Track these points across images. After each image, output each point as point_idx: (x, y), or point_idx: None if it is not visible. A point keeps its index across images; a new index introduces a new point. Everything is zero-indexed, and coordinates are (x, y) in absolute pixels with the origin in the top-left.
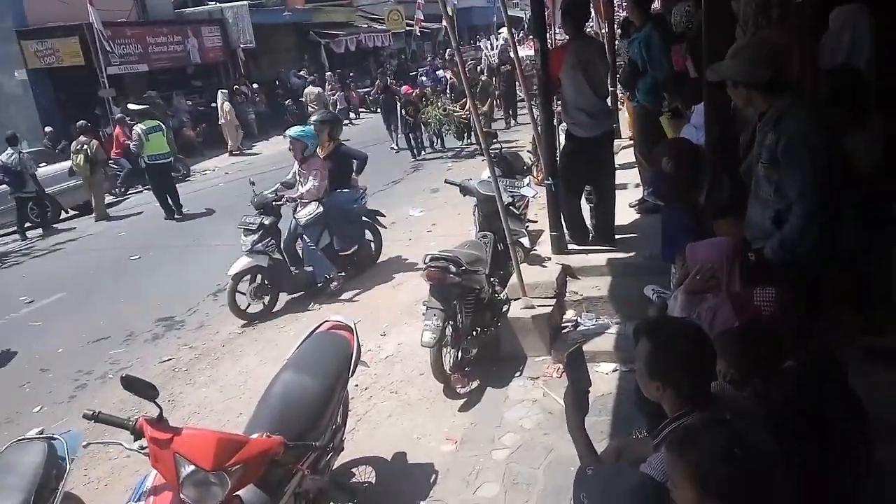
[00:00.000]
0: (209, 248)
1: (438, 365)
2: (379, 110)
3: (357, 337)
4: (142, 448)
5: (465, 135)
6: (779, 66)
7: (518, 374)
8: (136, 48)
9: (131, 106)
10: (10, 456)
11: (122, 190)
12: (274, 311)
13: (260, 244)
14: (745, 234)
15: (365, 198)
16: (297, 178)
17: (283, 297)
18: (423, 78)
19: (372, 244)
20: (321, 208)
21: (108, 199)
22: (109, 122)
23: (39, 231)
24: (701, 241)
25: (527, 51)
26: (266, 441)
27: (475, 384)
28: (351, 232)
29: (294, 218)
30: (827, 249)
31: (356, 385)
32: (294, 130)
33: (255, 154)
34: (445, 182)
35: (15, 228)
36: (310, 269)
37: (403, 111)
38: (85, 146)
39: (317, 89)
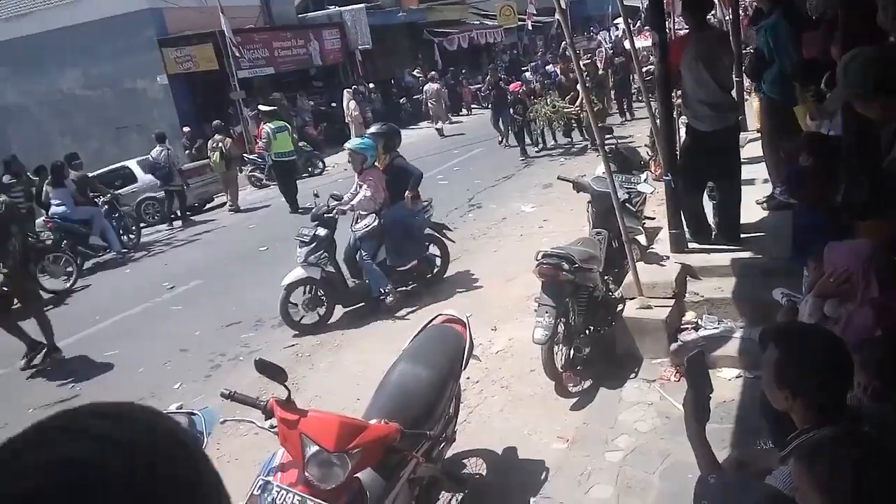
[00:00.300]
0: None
1: (550, 362)
2: (490, 107)
3: (470, 331)
4: (272, 427)
5: (575, 131)
6: None
7: (633, 375)
8: (263, 52)
9: (262, 107)
10: None
11: (264, 182)
12: (329, 323)
13: (313, 256)
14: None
15: (429, 211)
16: (357, 190)
17: (340, 310)
18: (527, 73)
19: (438, 259)
20: (377, 221)
21: (250, 190)
22: (240, 122)
23: (180, 223)
24: (839, 243)
25: (643, 42)
26: (384, 427)
27: (588, 384)
28: (408, 246)
29: (352, 230)
30: None
31: (468, 378)
32: (352, 143)
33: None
34: (558, 178)
35: (159, 220)
36: (366, 281)
37: (512, 108)
38: (220, 144)
39: (436, 85)
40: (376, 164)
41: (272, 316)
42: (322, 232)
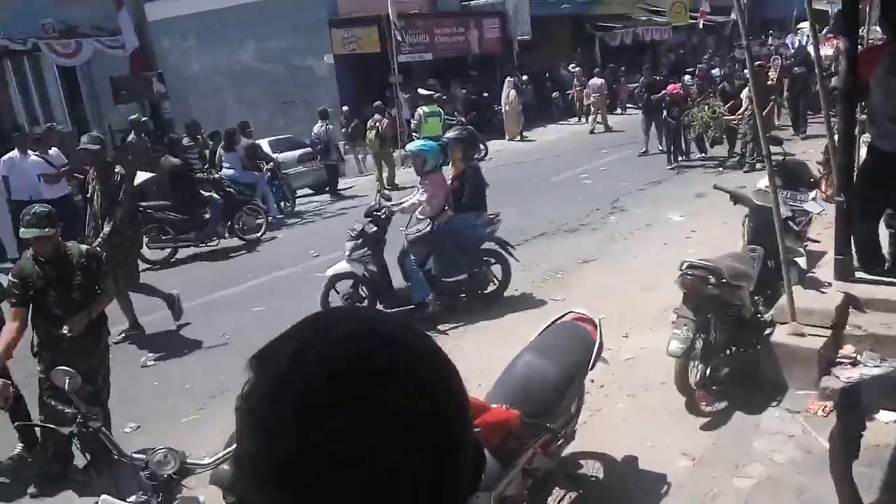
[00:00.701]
0: None
1: (683, 377)
2: (641, 109)
3: (600, 332)
4: None
5: (733, 142)
6: None
7: (776, 403)
8: (423, 38)
9: (421, 90)
10: None
11: None
12: None
13: (357, 252)
14: None
15: (494, 226)
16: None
17: None
18: (687, 77)
19: (496, 277)
20: (430, 228)
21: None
22: (395, 105)
23: (328, 196)
24: None
25: (826, 50)
26: (505, 412)
27: (722, 405)
28: (459, 259)
29: (405, 233)
30: None
31: (592, 381)
32: (414, 145)
33: (532, 141)
34: (715, 187)
35: (309, 192)
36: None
37: (666, 111)
38: (377, 124)
39: (600, 80)
40: (447, 169)
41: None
42: (370, 229)
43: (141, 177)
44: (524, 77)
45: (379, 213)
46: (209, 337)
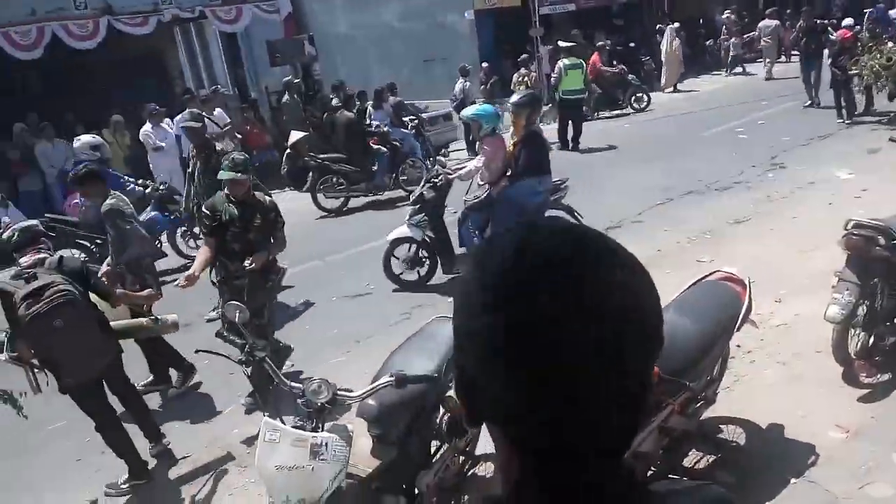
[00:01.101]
0: (608, 186)
1: (842, 345)
2: (800, 57)
3: (750, 293)
4: None
5: None
6: None
7: None
8: None
9: (561, 43)
10: (433, 326)
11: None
12: (430, 283)
13: (416, 217)
14: None
15: (561, 192)
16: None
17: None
18: (848, 20)
19: None
20: (487, 194)
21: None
22: (535, 60)
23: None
24: None
25: None
26: None
27: (885, 377)
28: None
29: (464, 199)
30: None
31: (738, 345)
32: (469, 111)
33: (690, 91)
34: (891, 140)
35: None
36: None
37: (833, 60)
38: (525, 78)
39: (774, 22)
40: (508, 135)
41: None
42: (429, 195)
43: (294, 136)
44: (675, 24)
45: (437, 180)
46: (356, 286)
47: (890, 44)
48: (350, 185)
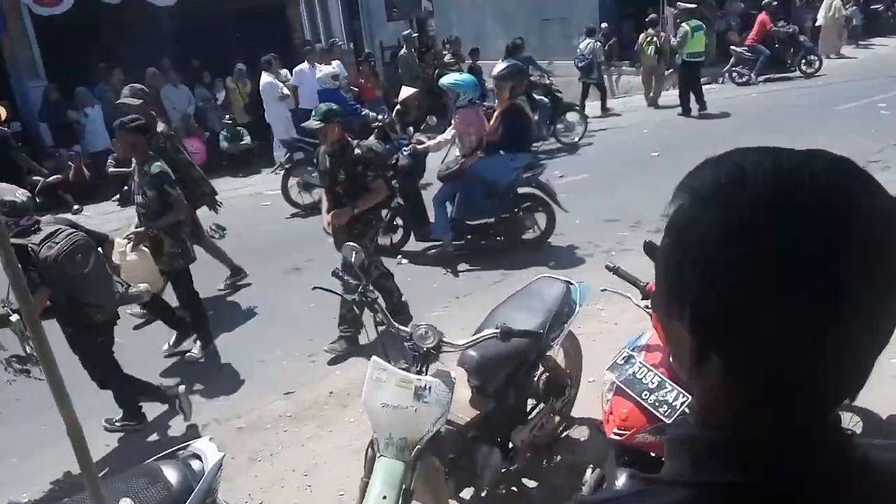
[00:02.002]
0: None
1: None
2: None
3: None
4: (647, 307)
5: None
6: None
7: None
8: None
9: (681, 3)
10: (538, 285)
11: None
12: (403, 249)
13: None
14: None
15: (537, 169)
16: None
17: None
18: None
19: (537, 224)
20: (458, 166)
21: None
22: (659, 21)
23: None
24: None
25: None
26: None
27: None
28: (483, 202)
29: (438, 169)
30: None
31: None
32: (448, 79)
33: (851, 58)
34: None
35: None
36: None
37: None
38: (654, 38)
39: None
40: (486, 104)
41: (651, 220)
42: (402, 162)
43: (405, 92)
44: None
45: (407, 150)
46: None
47: None
48: None
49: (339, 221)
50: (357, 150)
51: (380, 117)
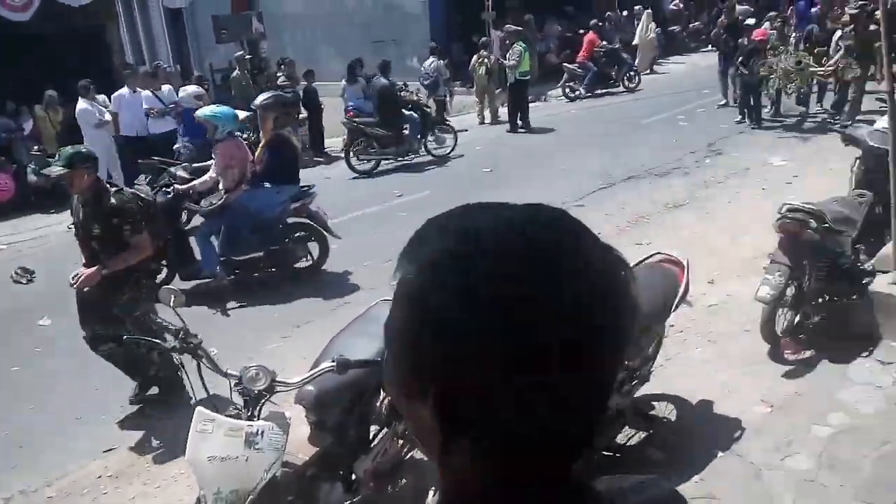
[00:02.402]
0: (553, 170)
1: (769, 325)
2: (718, 53)
3: (687, 275)
4: None
5: (814, 99)
6: None
7: (866, 354)
8: None
9: (509, 26)
10: (377, 310)
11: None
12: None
13: None
14: None
15: (306, 199)
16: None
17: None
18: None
19: (310, 253)
20: (222, 201)
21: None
22: (487, 44)
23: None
24: None
25: None
26: None
27: (808, 354)
28: (248, 237)
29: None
30: None
31: (672, 325)
32: (205, 111)
33: (665, 73)
34: (828, 128)
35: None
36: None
37: (742, 60)
38: (485, 59)
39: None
40: (251, 136)
41: None
42: (161, 199)
43: (241, 114)
44: (624, 13)
45: (168, 191)
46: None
47: (793, 43)
48: (381, 148)
49: (87, 283)
50: (113, 200)
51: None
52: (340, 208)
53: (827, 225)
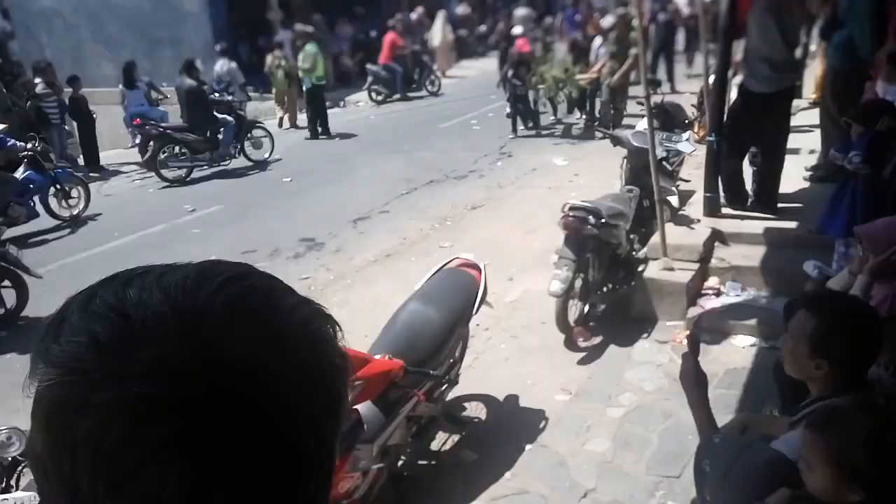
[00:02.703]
0: (356, 177)
1: (562, 316)
2: (499, 62)
3: (485, 277)
4: None
5: (582, 106)
6: None
7: (646, 335)
8: None
9: (298, 26)
10: None
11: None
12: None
13: None
14: None
15: None
16: None
17: None
18: (518, 28)
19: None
20: None
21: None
22: (282, 44)
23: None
24: (883, 220)
25: None
26: (388, 362)
27: (598, 340)
28: None
29: None
30: None
31: (477, 324)
32: None
33: (457, 78)
34: (596, 131)
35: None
36: None
37: (511, 71)
38: (281, 61)
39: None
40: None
41: (288, 247)
42: None
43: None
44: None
45: None
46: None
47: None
48: (193, 154)
49: None
50: None
51: (29, 146)
52: (123, 228)
53: (604, 220)
